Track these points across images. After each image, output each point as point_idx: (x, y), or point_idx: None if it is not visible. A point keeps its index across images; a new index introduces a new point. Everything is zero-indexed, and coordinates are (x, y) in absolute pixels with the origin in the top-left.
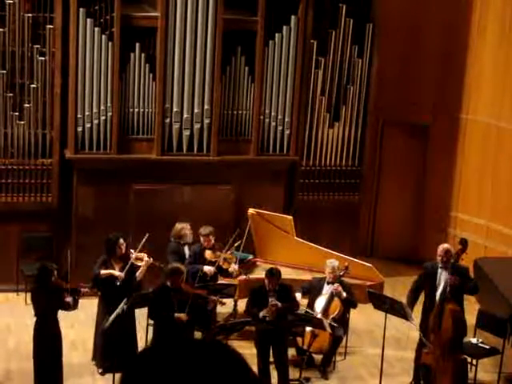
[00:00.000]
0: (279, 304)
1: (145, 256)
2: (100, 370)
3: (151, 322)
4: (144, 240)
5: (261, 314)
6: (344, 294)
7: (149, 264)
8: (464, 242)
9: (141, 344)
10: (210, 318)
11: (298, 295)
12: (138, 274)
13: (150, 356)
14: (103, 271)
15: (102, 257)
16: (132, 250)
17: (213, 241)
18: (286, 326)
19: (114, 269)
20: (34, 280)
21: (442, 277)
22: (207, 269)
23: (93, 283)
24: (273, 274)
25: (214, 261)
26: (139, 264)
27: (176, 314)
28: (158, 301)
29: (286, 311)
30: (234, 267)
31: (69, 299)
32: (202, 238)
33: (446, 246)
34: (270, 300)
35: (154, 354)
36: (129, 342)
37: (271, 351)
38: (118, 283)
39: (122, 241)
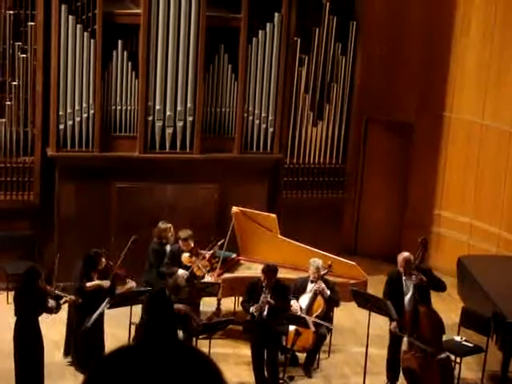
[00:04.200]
0: (271, 301)
1: (125, 271)
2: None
3: (134, 320)
4: (123, 255)
5: (251, 309)
6: (328, 292)
7: (132, 289)
8: (425, 243)
9: (123, 342)
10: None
11: (293, 302)
12: (118, 290)
13: (114, 359)
14: (89, 284)
15: (79, 269)
16: (114, 264)
17: (192, 244)
18: (272, 325)
19: (94, 280)
20: (20, 279)
21: (409, 283)
22: (181, 273)
23: (77, 295)
24: (269, 269)
25: (189, 266)
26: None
27: (175, 306)
28: (156, 310)
29: (278, 310)
30: (207, 278)
31: (52, 303)
32: (180, 242)
33: (405, 255)
34: (262, 296)
35: (119, 358)
36: (99, 342)
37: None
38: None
39: (103, 260)
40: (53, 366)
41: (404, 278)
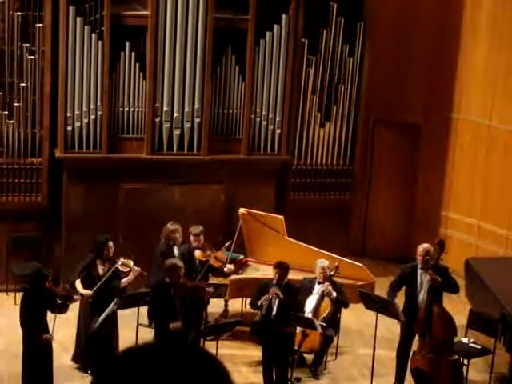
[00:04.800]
0: (280, 294)
1: (131, 262)
2: (89, 372)
3: (141, 321)
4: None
5: (259, 302)
6: (334, 294)
7: (138, 273)
8: (441, 243)
9: (131, 344)
10: (202, 315)
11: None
12: (124, 280)
13: (121, 361)
14: (76, 283)
15: (88, 257)
16: (121, 258)
17: (202, 240)
18: (280, 326)
19: (98, 270)
20: (27, 283)
21: (424, 278)
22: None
23: (70, 286)
24: (280, 266)
25: (205, 260)
26: (124, 270)
27: (171, 325)
28: (159, 298)
29: (287, 309)
30: (228, 267)
31: (59, 304)
32: (192, 238)
33: (425, 245)
34: (271, 289)
35: (126, 360)
36: (109, 344)
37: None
38: (90, 300)
39: (111, 243)
40: (60, 368)
41: (420, 271)
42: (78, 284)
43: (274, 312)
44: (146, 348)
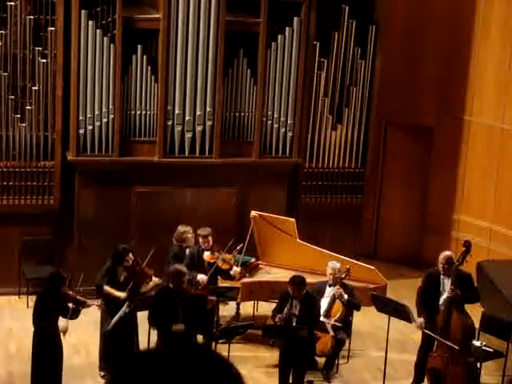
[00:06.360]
0: (295, 313)
1: (152, 271)
2: (102, 373)
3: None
4: (151, 254)
5: (276, 319)
6: (345, 296)
7: (156, 284)
8: (468, 244)
9: (143, 347)
10: (211, 320)
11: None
12: (143, 289)
13: (134, 364)
14: (106, 288)
15: (107, 264)
16: (142, 263)
17: (211, 242)
18: (292, 331)
19: (119, 277)
20: (44, 283)
21: (446, 283)
22: (200, 277)
23: (96, 292)
24: (294, 281)
25: (213, 262)
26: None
27: (173, 327)
28: (161, 303)
29: (306, 323)
30: (235, 270)
31: (72, 309)
32: (200, 240)
33: (447, 253)
34: (286, 307)
35: (139, 363)
36: (129, 346)
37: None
38: (119, 301)
39: (130, 255)
40: (72, 369)
41: (442, 276)
42: (110, 289)
43: (293, 324)
44: (158, 351)
